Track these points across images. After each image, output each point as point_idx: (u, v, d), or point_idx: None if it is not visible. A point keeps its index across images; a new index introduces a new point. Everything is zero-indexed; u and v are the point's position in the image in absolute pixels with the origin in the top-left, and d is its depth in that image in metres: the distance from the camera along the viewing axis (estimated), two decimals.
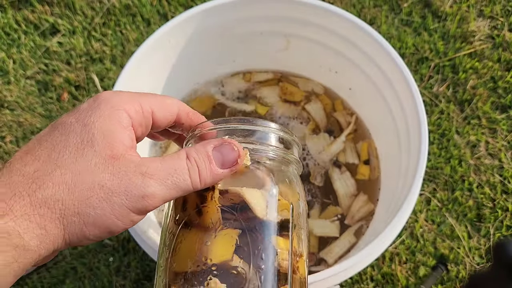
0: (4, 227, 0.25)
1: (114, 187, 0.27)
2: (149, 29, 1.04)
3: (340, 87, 0.79)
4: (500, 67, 0.99)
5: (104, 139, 0.28)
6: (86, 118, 0.29)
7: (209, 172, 0.30)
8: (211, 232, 0.29)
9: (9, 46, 1.03)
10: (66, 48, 1.02)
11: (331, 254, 0.67)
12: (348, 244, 0.68)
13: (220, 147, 0.31)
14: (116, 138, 0.29)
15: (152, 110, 0.32)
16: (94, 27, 1.04)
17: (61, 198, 0.27)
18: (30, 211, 0.26)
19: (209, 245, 0.29)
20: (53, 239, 0.27)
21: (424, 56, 1.00)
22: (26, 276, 0.82)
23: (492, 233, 0.84)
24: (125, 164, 0.28)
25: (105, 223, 0.28)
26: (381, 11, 1.05)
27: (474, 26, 1.03)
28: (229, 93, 0.80)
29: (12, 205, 0.26)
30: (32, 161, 0.28)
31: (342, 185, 0.72)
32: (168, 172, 0.29)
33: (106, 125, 0.29)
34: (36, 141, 0.29)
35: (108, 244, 0.84)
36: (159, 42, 0.65)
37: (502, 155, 0.90)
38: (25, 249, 0.26)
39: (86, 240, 0.28)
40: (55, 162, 0.27)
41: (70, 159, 0.28)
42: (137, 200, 0.28)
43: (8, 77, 0.99)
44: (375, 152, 0.75)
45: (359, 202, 0.71)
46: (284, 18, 0.70)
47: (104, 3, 1.07)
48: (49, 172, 0.27)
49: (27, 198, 0.26)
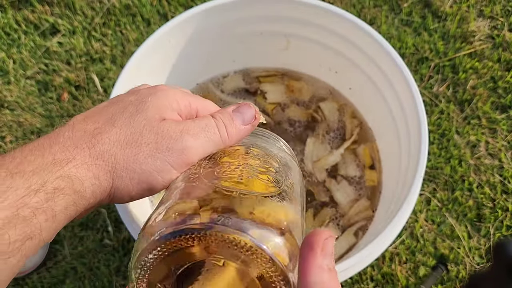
0: (68, 173, 0.28)
1: (158, 145, 0.31)
2: (149, 29, 1.04)
3: (340, 87, 0.79)
4: (500, 67, 0.99)
5: (155, 110, 0.33)
6: (143, 98, 0.34)
7: (234, 128, 0.34)
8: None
9: (9, 46, 1.03)
10: (66, 48, 1.02)
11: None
12: (347, 245, 0.68)
13: (238, 108, 0.36)
14: (165, 111, 0.33)
15: (197, 108, 0.36)
16: (94, 27, 1.04)
17: (114, 153, 0.31)
18: (89, 161, 0.30)
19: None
20: (102, 191, 0.30)
21: (424, 56, 1.00)
22: (26, 276, 0.82)
23: (492, 233, 0.84)
24: (168, 126, 0.32)
25: (149, 179, 0.31)
26: (381, 11, 1.05)
27: (474, 26, 1.03)
28: (231, 91, 0.80)
29: (75, 155, 0.29)
30: (92, 123, 0.32)
31: (342, 195, 0.72)
32: (200, 127, 0.33)
33: (159, 104, 0.33)
34: (96, 110, 0.33)
35: (108, 244, 0.84)
36: (159, 42, 0.65)
37: (502, 155, 0.90)
38: (81, 196, 0.29)
39: (128, 197, 0.32)
40: (112, 123, 0.32)
41: (125, 122, 0.32)
42: (177, 155, 0.31)
43: (8, 77, 0.99)
44: (377, 155, 0.74)
45: (359, 206, 0.71)
46: (284, 18, 0.70)
47: (104, 3, 1.07)
48: (107, 130, 0.31)
49: (87, 150, 0.30)
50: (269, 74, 0.81)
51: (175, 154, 0.31)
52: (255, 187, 0.29)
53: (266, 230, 0.25)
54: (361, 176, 0.73)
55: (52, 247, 0.85)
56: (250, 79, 0.80)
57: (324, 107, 0.78)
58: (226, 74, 0.81)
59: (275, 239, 0.24)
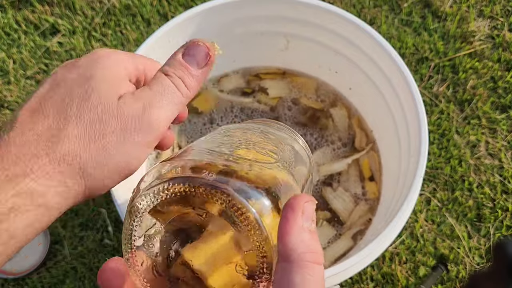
0: (26, 188, 0.25)
1: (124, 130, 0.28)
2: (149, 29, 1.04)
3: (340, 87, 0.79)
4: (500, 67, 0.99)
5: (106, 86, 0.29)
6: (87, 72, 0.29)
7: (191, 78, 0.31)
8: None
9: (9, 46, 1.03)
10: (66, 48, 1.02)
11: (326, 255, 0.67)
12: (346, 247, 0.68)
13: (187, 51, 0.32)
14: (118, 85, 0.30)
15: (145, 69, 0.33)
16: (94, 27, 1.05)
17: (78, 152, 0.27)
18: (51, 169, 0.26)
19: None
20: (74, 194, 0.28)
21: (424, 56, 1.00)
22: (26, 276, 0.82)
23: (492, 233, 0.84)
24: (127, 104, 0.29)
25: (124, 167, 0.29)
26: (381, 11, 1.05)
27: (474, 26, 1.03)
28: (233, 90, 0.80)
29: (32, 165, 0.26)
30: (42, 119, 0.28)
31: (339, 201, 0.71)
32: (160, 94, 0.30)
33: (108, 75, 0.30)
34: (39, 99, 0.29)
35: (108, 244, 0.85)
36: (159, 42, 0.65)
37: (502, 155, 0.90)
38: (47, 208, 0.26)
39: (106, 189, 0.29)
40: (64, 117, 0.28)
41: (79, 111, 0.28)
42: (147, 133, 0.29)
43: (8, 77, 1.00)
44: (378, 165, 0.73)
45: (359, 211, 0.71)
46: (284, 18, 0.70)
47: (104, 3, 1.07)
48: (61, 127, 0.27)
49: (45, 157, 0.26)
50: (270, 72, 0.81)
51: (144, 133, 0.29)
52: (252, 155, 0.29)
53: (256, 191, 0.25)
54: (363, 189, 0.72)
55: (52, 247, 0.85)
56: (250, 78, 0.80)
57: (335, 114, 0.77)
58: (226, 74, 0.81)
59: (263, 200, 0.25)
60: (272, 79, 0.80)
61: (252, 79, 0.80)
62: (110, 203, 0.88)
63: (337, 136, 0.75)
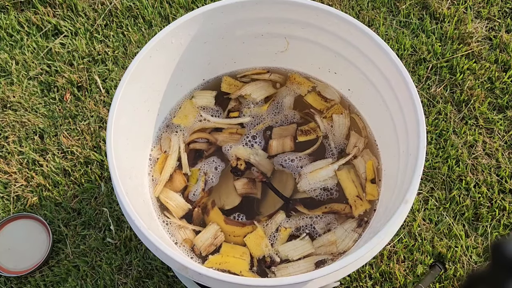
0: None
1: None
2: (150, 31, 1.05)
3: (340, 88, 0.80)
4: (497, 68, 1.00)
5: None
6: None
7: None
8: None
9: (12, 47, 1.04)
10: (69, 49, 1.03)
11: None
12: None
13: None
14: None
15: None
16: (96, 29, 1.05)
17: None
18: None
19: None
20: None
21: (422, 57, 1.01)
22: (29, 274, 0.83)
23: (489, 232, 0.85)
24: None
25: None
26: (379, 13, 1.06)
27: (471, 27, 1.04)
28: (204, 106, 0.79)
29: None
30: None
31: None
32: None
33: None
34: None
35: (110, 242, 0.85)
36: (161, 44, 0.66)
37: (499, 155, 0.91)
38: None
39: None
40: None
41: None
42: None
43: (11, 77, 1.00)
44: (377, 165, 0.73)
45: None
46: (284, 20, 0.71)
47: (106, 5, 1.08)
48: None
49: None
50: (254, 73, 0.80)
51: None
52: None
53: None
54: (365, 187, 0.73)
55: (54, 245, 0.86)
56: (222, 99, 0.79)
57: (336, 119, 0.77)
58: (227, 74, 0.82)
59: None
60: (254, 84, 0.79)
61: (224, 98, 0.78)
62: (112, 202, 0.89)
63: (333, 143, 0.76)
